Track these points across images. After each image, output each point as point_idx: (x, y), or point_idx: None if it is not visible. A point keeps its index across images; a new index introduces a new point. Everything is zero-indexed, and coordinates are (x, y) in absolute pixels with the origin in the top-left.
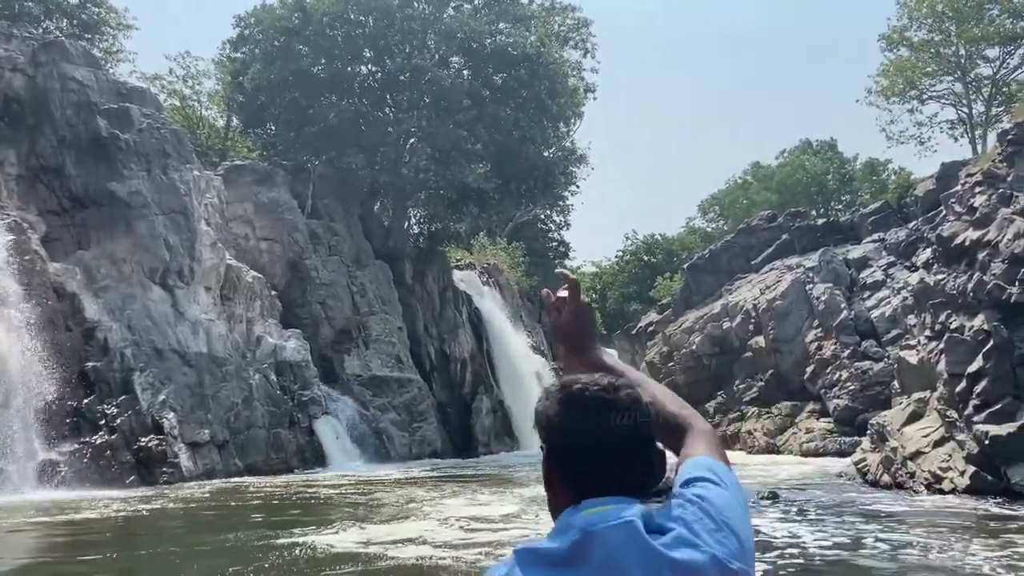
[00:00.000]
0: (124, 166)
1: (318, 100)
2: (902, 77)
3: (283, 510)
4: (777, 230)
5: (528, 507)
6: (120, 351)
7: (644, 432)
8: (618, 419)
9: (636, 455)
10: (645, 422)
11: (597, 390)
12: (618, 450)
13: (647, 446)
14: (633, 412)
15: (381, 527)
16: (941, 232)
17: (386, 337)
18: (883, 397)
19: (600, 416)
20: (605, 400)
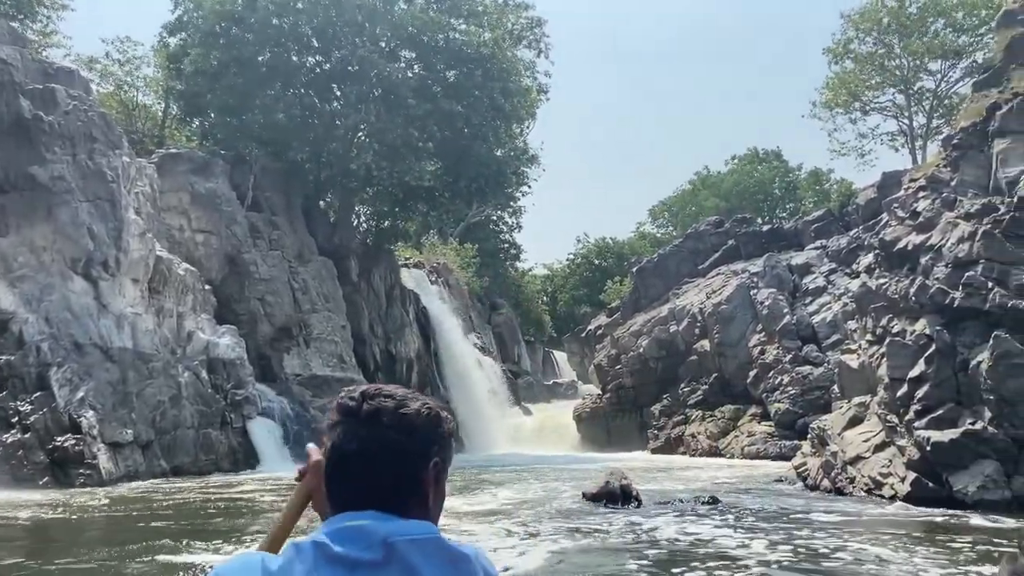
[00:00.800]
0: (47, 149)
1: (261, 89)
2: (846, 89)
3: (187, 517)
4: (724, 235)
5: (454, 523)
6: (36, 345)
7: (385, 449)
8: (361, 429)
9: (377, 472)
10: (387, 437)
11: (350, 398)
12: (358, 463)
13: (390, 463)
14: (372, 423)
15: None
16: (884, 236)
17: (328, 336)
18: (823, 402)
19: (347, 425)
20: (351, 408)
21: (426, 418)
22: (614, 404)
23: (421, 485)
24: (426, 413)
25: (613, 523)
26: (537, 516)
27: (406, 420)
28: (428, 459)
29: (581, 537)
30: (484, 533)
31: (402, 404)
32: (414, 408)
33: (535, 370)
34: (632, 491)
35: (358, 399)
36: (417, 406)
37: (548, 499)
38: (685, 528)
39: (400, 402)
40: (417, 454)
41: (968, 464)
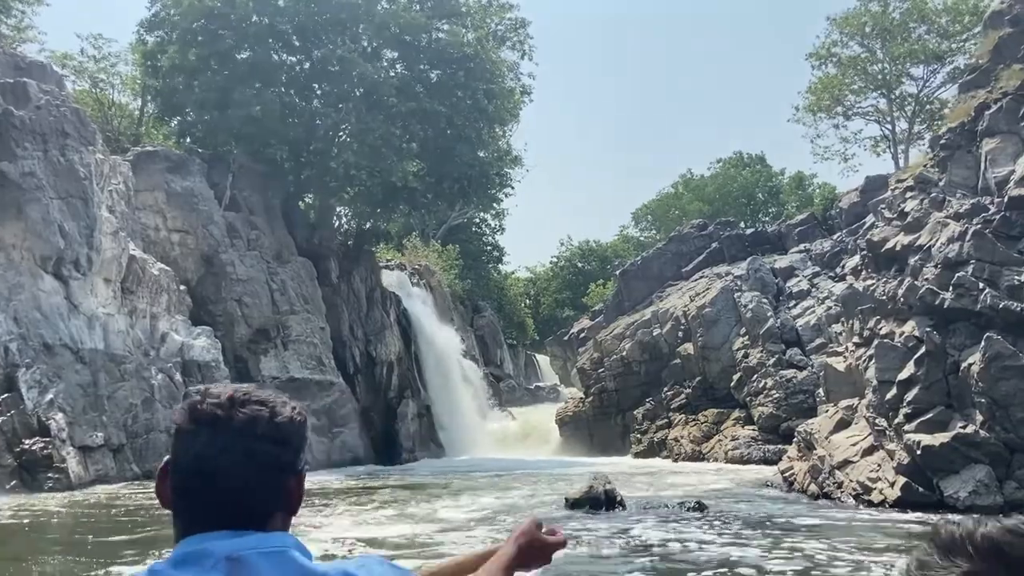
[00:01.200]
0: (18, 145)
1: (240, 87)
2: (829, 94)
3: (144, 525)
4: (707, 239)
5: (432, 530)
6: (4, 345)
7: (258, 462)
8: (230, 441)
9: (247, 485)
10: (262, 449)
11: (212, 404)
12: (223, 477)
13: (262, 476)
14: (246, 435)
15: None
16: (871, 237)
17: (307, 338)
18: (807, 406)
19: (210, 434)
20: (217, 417)
21: (298, 425)
22: (597, 408)
23: (290, 497)
24: (299, 420)
25: (597, 530)
26: (518, 523)
27: (281, 430)
28: (297, 469)
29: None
30: (461, 542)
31: (275, 412)
32: (288, 415)
33: (517, 373)
34: (616, 496)
35: (226, 405)
36: (289, 412)
37: (530, 505)
38: (671, 534)
39: (273, 409)
40: (289, 466)
41: (959, 468)
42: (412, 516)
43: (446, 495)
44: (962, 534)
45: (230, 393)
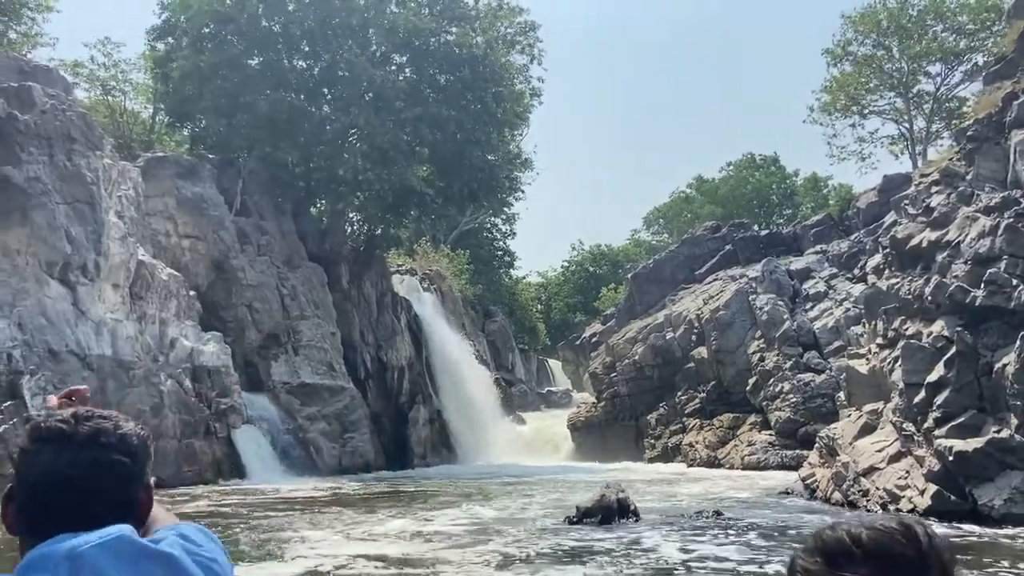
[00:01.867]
0: (23, 149)
1: (250, 92)
2: (844, 93)
3: None
4: (721, 241)
5: (437, 546)
6: (7, 352)
7: (106, 471)
8: (76, 452)
9: (96, 495)
10: (108, 458)
11: (57, 421)
12: (72, 488)
13: (110, 485)
14: (92, 445)
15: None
16: (895, 234)
17: (318, 343)
18: (825, 410)
19: (56, 449)
20: (63, 432)
21: (142, 439)
22: (609, 413)
23: (139, 508)
24: (142, 434)
25: (610, 543)
26: (527, 535)
27: (126, 442)
28: (144, 481)
29: (574, 560)
30: (462, 559)
31: (119, 425)
32: (131, 429)
33: (529, 378)
34: (630, 505)
35: (71, 421)
36: (132, 427)
37: (540, 515)
38: (689, 546)
39: (117, 423)
40: (136, 477)
41: (994, 476)
42: (413, 528)
43: (452, 504)
44: (849, 539)
45: (73, 410)
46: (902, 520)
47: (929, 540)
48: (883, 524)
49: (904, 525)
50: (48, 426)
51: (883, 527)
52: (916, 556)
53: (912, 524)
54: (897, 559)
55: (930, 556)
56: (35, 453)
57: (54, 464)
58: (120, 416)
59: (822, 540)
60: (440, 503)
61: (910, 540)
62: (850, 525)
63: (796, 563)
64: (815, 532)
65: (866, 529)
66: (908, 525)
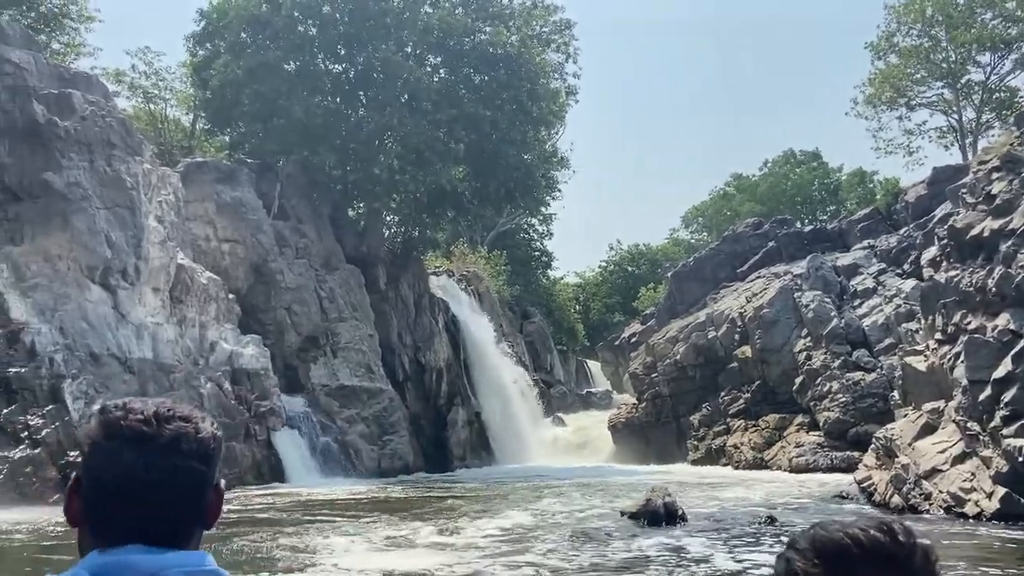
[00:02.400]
0: (63, 156)
1: (287, 96)
2: (890, 84)
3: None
4: (763, 237)
5: (475, 555)
6: (49, 356)
7: (184, 479)
8: (157, 458)
9: (172, 502)
10: (188, 466)
11: (137, 420)
12: (149, 494)
13: (186, 493)
14: (172, 451)
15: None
16: (953, 224)
17: (356, 345)
18: (876, 410)
19: (135, 451)
20: (144, 434)
21: (218, 441)
22: (651, 414)
23: (209, 512)
24: (218, 435)
25: (656, 550)
26: (570, 542)
27: (204, 446)
28: (214, 483)
29: (622, 571)
30: (501, 567)
31: (199, 428)
32: (210, 431)
33: (568, 380)
34: (677, 509)
35: (152, 421)
36: (211, 428)
37: (582, 519)
38: (741, 556)
39: (197, 425)
40: (210, 481)
41: None
42: (450, 535)
43: (491, 510)
44: (849, 540)
45: (154, 409)
46: (881, 519)
47: (912, 538)
48: (870, 524)
49: (887, 525)
50: (128, 424)
51: (871, 526)
52: (905, 555)
53: (892, 523)
54: (892, 559)
55: (914, 552)
56: (111, 452)
57: (132, 468)
58: (198, 415)
59: (819, 542)
60: (479, 508)
61: (892, 538)
62: (842, 526)
63: (794, 564)
64: (807, 533)
65: (860, 530)
66: (888, 523)
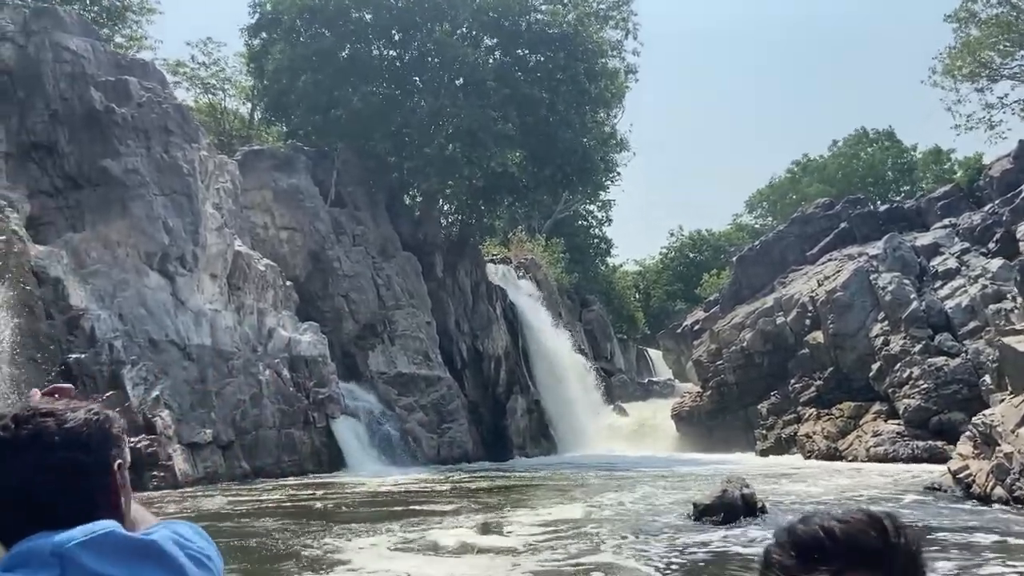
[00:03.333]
0: (121, 142)
1: (342, 83)
2: (970, 55)
3: (286, 517)
4: (835, 218)
5: (535, 558)
6: (109, 342)
7: (55, 473)
8: (17, 460)
9: (54, 495)
10: (57, 459)
11: (9, 424)
12: (27, 495)
13: (66, 485)
14: (33, 449)
15: None
16: None
17: (413, 332)
18: (961, 396)
19: (23, 454)
20: (2, 439)
21: (99, 424)
22: (716, 402)
23: (109, 495)
24: (97, 418)
25: (737, 547)
26: (641, 537)
27: (74, 434)
28: (110, 467)
29: (696, 570)
30: (569, 567)
31: (63, 419)
32: (80, 419)
33: (628, 368)
34: (756, 502)
35: (9, 426)
36: (82, 415)
37: (650, 511)
38: None
39: (61, 417)
40: (95, 466)
41: None
42: (509, 530)
43: (551, 500)
44: (823, 533)
45: (14, 412)
46: (870, 512)
47: (897, 531)
48: (853, 517)
49: (872, 517)
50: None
51: (854, 519)
52: (885, 548)
53: (880, 516)
54: (867, 552)
55: (898, 547)
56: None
57: (1, 475)
58: (70, 406)
59: (796, 535)
60: (540, 499)
61: (879, 532)
62: (822, 519)
63: (771, 557)
64: (788, 526)
65: (838, 523)
66: (876, 517)
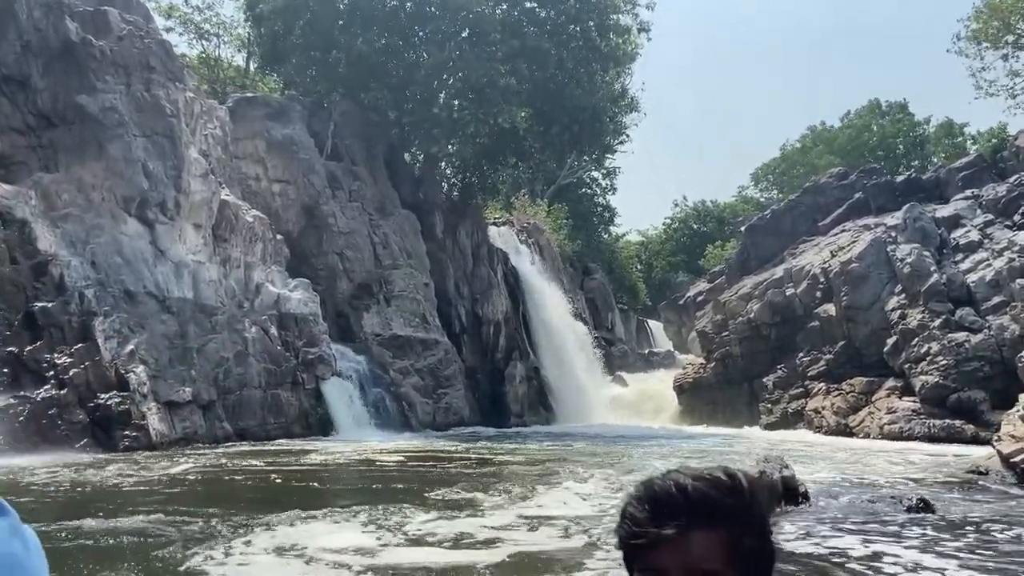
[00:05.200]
0: (98, 78)
1: (341, 30)
2: (998, 18)
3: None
4: (848, 188)
5: (541, 549)
6: (79, 291)
7: None
8: None
9: None
10: None
11: None
12: None
13: None
14: None
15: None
16: None
17: (411, 294)
18: (983, 374)
19: None
20: None
21: None
22: (720, 374)
23: None
24: None
25: (792, 545)
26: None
27: None
28: None
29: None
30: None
31: None
32: None
33: (629, 339)
34: (798, 485)
35: None
36: None
37: None
38: (914, 558)
39: None
40: None
41: None
42: (513, 512)
43: (560, 474)
44: (676, 489)
45: None
46: (727, 470)
47: (751, 490)
48: (710, 474)
49: (729, 475)
50: None
51: (710, 477)
52: (738, 505)
53: (736, 474)
54: (719, 508)
55: (752, 506)
56: None
57: None
58: None
59: (653, 489)
60: (542, 472)
61: (733, 490)
62: (680, 475)
63: (626, 509)
64: (647, 480)
65: (692, 480)
66: (733, 475)
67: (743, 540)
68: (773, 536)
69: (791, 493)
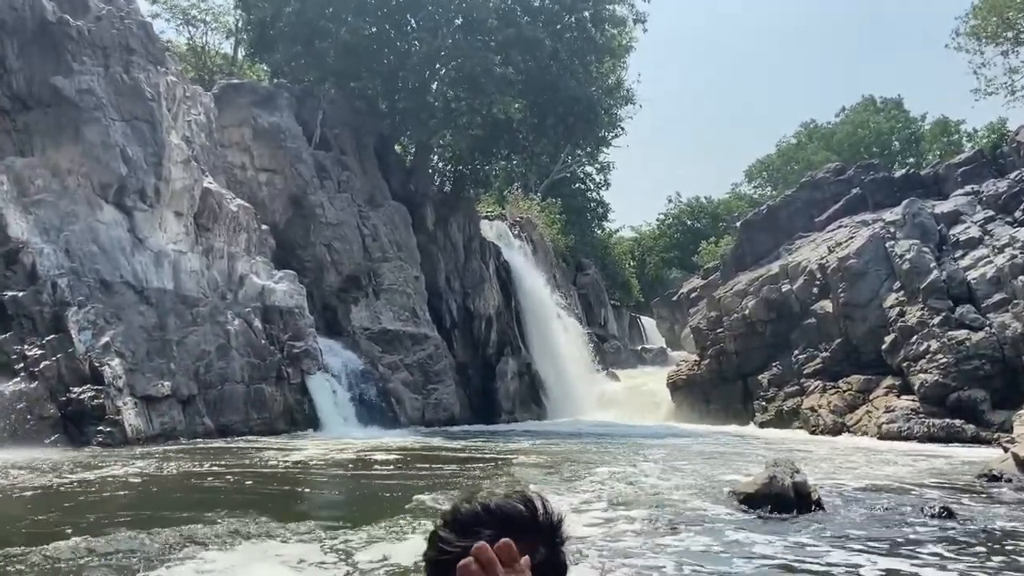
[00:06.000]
0: (74, 58)
1: (331, 18)
2: (996, 15)
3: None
4: (846, 184)
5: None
6: (52, 280)
7: None
8: None
9: None
10: None
11: None
12: None
13: None
14: None
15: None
16: None
17: (400, 287)
18: (983, 373)
19: None
20: None
21: None
22: (714, 371)
23: None
24: None
25: (810, 562)
26: (675, 529)
27: None
28: None
29: None
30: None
31: None
32: None
33: (621, 335)
34: (809, 491)
35: None
36: None
37: (675, 499)
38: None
39: None
40: None
41: None
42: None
43: (554, 472)
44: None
45: None
46: (524, 493)
47: (545, 508)
48: (508, 495)
49: (525, 497)
50: None
51: (508, 496)
52: (533, 519)
53: (532, 496)
54: (517, 522)
55: (545, 521)
56: None
57: None
58: None
59: (459, 512)
60: (535, 472)
61: (528, 507)
62: (482, 498)
63: (435, 534)
64: (453, 505)
65: (494, 499)
66: (529, 497)
67: (539, 549)
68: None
69: (803, 500)
